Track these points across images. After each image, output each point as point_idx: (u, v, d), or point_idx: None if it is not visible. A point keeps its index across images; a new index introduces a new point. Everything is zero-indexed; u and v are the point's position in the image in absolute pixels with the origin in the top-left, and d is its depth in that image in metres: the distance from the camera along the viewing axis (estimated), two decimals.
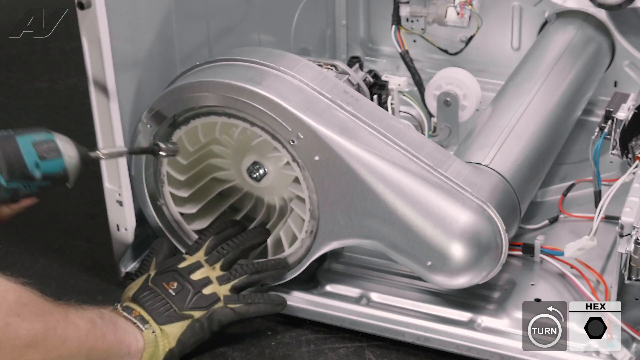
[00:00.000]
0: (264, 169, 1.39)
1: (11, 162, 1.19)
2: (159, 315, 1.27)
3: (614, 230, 1.24)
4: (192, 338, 1.28)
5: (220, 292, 1.31)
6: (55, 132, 1.25)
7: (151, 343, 1.25)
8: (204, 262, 1.34)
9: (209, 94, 1.30)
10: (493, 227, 1.27)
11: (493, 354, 1.28)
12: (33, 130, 1.22)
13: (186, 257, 1.35)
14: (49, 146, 1.22)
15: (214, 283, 1.32)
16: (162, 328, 1.27)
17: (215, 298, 1.30)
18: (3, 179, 1.18)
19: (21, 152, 1.20)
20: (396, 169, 1.27)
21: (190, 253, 1.36)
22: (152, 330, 1.26)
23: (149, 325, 1.26)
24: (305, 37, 1.86)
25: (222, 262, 1.34)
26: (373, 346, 1.33)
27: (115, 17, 1.32)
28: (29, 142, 1.21)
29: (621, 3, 1.65)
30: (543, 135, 1.47)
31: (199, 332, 1.29)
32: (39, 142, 1.21)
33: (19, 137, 1.20)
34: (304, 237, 1.34)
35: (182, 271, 1.32)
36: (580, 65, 1.64)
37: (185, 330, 1.28)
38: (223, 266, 1.34)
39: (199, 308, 1.29)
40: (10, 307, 1.08)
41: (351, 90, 1.34)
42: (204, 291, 1.30)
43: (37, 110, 2.03)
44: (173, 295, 1.29)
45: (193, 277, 1.31)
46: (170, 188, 1.41)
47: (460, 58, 1.82)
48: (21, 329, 1.08)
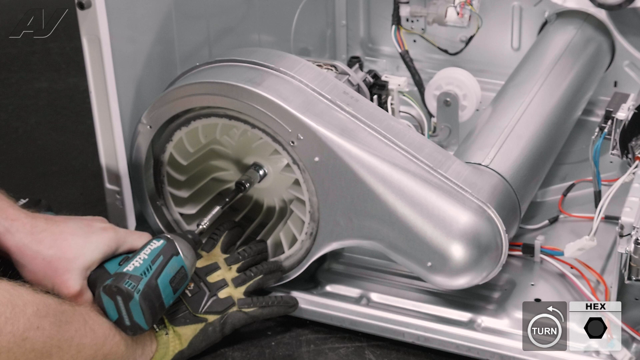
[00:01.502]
0: (264, 170, 1.39)
1: (155, 310, 1.21)
2: (174, 316, 1.28)
3: (614, 230, 1.24)
4: (204, 341, 1.29)
5: (234, 295, 1.31)
6: (175, 237, 1.26)
7: (163, 344, 1.26)
8: (222, 261, 1.34)
9: (209, 95, 1.30)
10: (493, 227, 1.27)
11: (493, 354, 1.28)
12: (166, 257, 1.23)
13: (202, 254, 1.35)
14: (180, 276, 1.25)
15: (230, 286, 1.32)
16: (175, 329, 1.27)
17: (230, 302, 1.31)
18: (146, 325, 1.21)
19: (162, 297, 1.22)
20: (396, 170, 1.27)
21: (207, 250, 1.36)
22: (166, 332, 1.27)
23: (164, 326, 1.27)
24: (305, 38, 1.86)
25: (240, 264, 1.34)
26: (373, 346, 1.33)
27: (115, 17, 1.32)
28: (167, 282, 1.23)
29: (621, 3, 1.65)
30: (543, 135, 1.47)
31: (211, 335, 1.29)
32: (174, 277, 1.24)
33: (159, 280, 1.21)
34: (304, 238, 1.34)
35: (200, 272, 1.32)
36: (580, 65, 1.64)
37: (198, 334, 1.28)
38: (240, 268, 1.34)
39: (214, 312, 1.29)
40: (29, 320, 1.08)
41: (351, 91, 1.34)
42: (220, 294, 1.31)
43: (37, 110, 2.03)
44: (189, 296, 1.29)
45: (210, 279, 1.31)
46: (170, 188, 1.41)
47: (460, 58, 1.82)
48: (38, 343, 1.09)
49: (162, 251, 1.24)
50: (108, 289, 1.19)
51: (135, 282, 1.19)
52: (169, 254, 1.24)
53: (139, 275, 1.20)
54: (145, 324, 1.20)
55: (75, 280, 1.19)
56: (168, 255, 1.24)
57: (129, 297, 1.19)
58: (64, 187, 1.75)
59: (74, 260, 1.19)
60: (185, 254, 1.26)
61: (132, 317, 1.20)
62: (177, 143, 1.37)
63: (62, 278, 1.18)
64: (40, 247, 1.18)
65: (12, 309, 1.06)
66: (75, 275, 1.19)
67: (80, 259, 1.19)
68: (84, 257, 1.20)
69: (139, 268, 1.21)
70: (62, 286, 1.18)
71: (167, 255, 1.24)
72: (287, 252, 1.37)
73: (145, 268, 1.21)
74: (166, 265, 1.23)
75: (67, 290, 1.18)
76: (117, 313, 1.20)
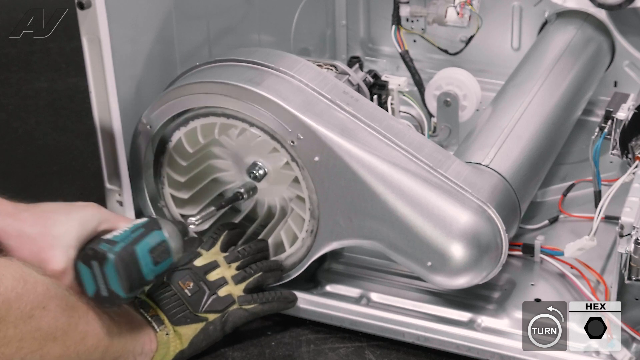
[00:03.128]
0: (264, 169, 1.39)
1: (132, 277, 1.19)
2: (174, 316, 1.28)
3: (614, 230, 1.24)
4: (205, 340, 1.29)
5: (234, 292, 1.31)
6: (161, 219, 1.25)
7: (164, 345, 1.26)
8: (222, 260, 1.33)
9: (208, 95, 1.30)
10: (493, 227, 1.27)
11: (493, 354, 1.28)
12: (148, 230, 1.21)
13: (202, 253, 1.35)
14: (161, 249, 1.22)
15: (229, 283, 1.32)
16: (176, 329, 1.27)
17: (230, 301, 1.30)
18: (123, 292, 1.18)
19: (140, 264, 1.19)
20: (396, 170, 1.27)
21: (206, 248, 1.36)
22: (166, 332, 1.27)
23: (164, 326, 1.27)
24: (305, 37, 1.86)
25: (240, 262, 1.34)
26: (373, 346, 1.33)
27: (115, 17, 1.32)
28: (146, 251, 1.20)
29: (621, 3, 1.65)
30: (543, 135, 1.47)
31: (212, 334, 1.29)
32: (154, 248, 1.21)
33: (137, 247, 1.19)
34: (304, 237, 1.34)
35: (199, 270, 1.32)
36: (580, 65, 1.64)
37: (198, 333, 1.28)
38: (239, 266, 1.34)
39: (214, 311, 1.29)
40: (37, 298, 1.08)
41: (351, 91, 1.34)
42: (220, 293, 1.30)
43: (37, 110, 2.03)
44: (189, 296, 1.29)
45: (209, 277, 1.31)
46: (171, 190, 1.41)
47: (460, 58, 1.82)
48: (44, 322, 1.09)
49: (143, 225, 1.22)
50: (84, 254, 1.16)
51: (112, 245, 1.16)
52: (150, 227, 1.22)
53: (116, 241, 1.18)
54: (122, 291, 1.17)
55: (60, 257, 1.16)
56: (149, 228, 1.22)
57: (104, 259, 1.15)
58: (64, 187, 1.75)
59: (57, 237, 1.17)
60: (170, 233, 1.23)
61: (109, 284, 1.16)
62: (177, 143, 1.37)
63: (47, 255, 1.16)
64: (23, 225, 1.16)
65: (24, 285, 1.06)
66: (59, 252, 1.16)
67: (64, 236, 1.17)
68: (68, 234, 1.17)
69: (118, 236, 1.19)
70: (48, 263, 1.16)
71: (149, 228, 1.21)
72: (288, 251, 1.37)
73: (124, 236, 1.19)
74: (146, 236, 1.20)
75: (52, 267, 1.16)
76: (94, 283, 1.17)
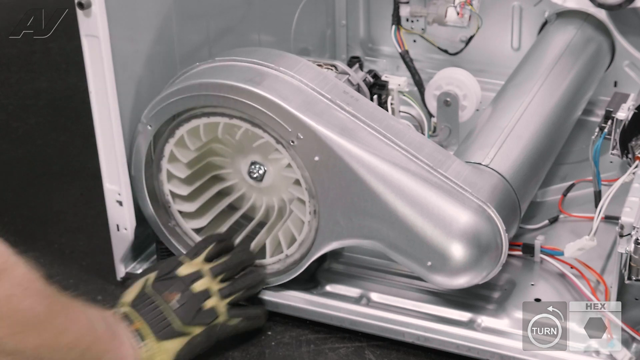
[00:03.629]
0: (264, 169, 1.39)
1: None
2: (159, 330, 1.26)
3: (614, 230, 1.24)
4: (190, 354, 1.27)
5: (219, 307, 1.30)
6: None
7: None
8: (206, 270, 1.31)
9: (208, 95, 1.30)
10: (493, 227, 1.27)
11: (493, 354, 1.28)
12: None
13: (184, 261, 1.32)
14: None
15: (215, 296, 1.30)
16: (160, 343, 1.25)
17: (215, 315, 1.29)
18: None
19: None
20: (396, 170, 1.27)
21: (190, 257, 1.33)
22: (148, 349, 1.24)
23: (146, 342, 1.24)
24: (305, 37, 1.86)
25: (225, 275, 1.32)
26: (373, 346, 1.33)
27: (115, 17, 1.32)
28: None
29: (621, 3, 1.65)
30: (543, 135, 1.47)
31: (196, 347, 1.28)
32: None
33: None
34: (303, 237, 1.34)
35: (184, 280, 1.29)
36: (580, 65, 1.64)
37: (183, 347, 1.27)
38: (224, 279, 1.32)
39: (199, 324, 1.28)
40: (17, 279, 1.04)
41: (351, 91, 1.34)
42: (205, 305, 1.29)
43: (37, 110, 2.03)
44: (176, 307, 1.27)
45: (194, 288, 1.29)
46: (170, 187, 1.41)
47: (460, 58, 1.82)
48: (23, 304, 1.05)
49: None
50: None
51: None
52: None
53: None
54: None
55: None
56: None
57: None
58: (64, 187, 1.75)
59: None
60: None
61: None
62: (177, 142, 1.37)
63: None
64: None
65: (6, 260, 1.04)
66: None
67: None
68: None
69: None
70: None
71: None
72: (287, 251, 1.37)
73: None
74: None
75: None
76: None
